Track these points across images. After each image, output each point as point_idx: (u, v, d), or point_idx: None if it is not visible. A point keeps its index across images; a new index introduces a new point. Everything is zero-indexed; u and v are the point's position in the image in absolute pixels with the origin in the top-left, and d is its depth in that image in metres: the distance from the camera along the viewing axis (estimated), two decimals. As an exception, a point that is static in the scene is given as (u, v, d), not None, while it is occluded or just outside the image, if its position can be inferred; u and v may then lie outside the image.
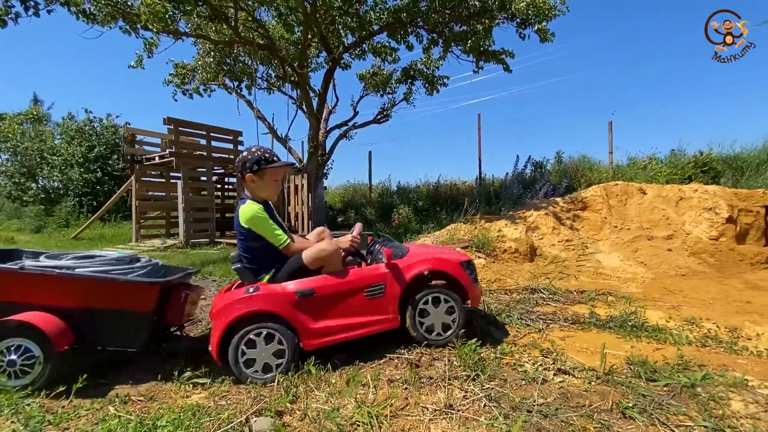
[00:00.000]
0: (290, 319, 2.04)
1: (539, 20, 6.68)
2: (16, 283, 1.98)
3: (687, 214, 4.43)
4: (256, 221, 2.13)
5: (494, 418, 1.54)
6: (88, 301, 2.03)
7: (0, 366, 1.84)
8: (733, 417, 1.49)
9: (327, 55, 8.62)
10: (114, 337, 2.08)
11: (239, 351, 1.98)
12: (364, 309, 2.15)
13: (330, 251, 2.16)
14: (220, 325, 2.00)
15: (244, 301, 2.02)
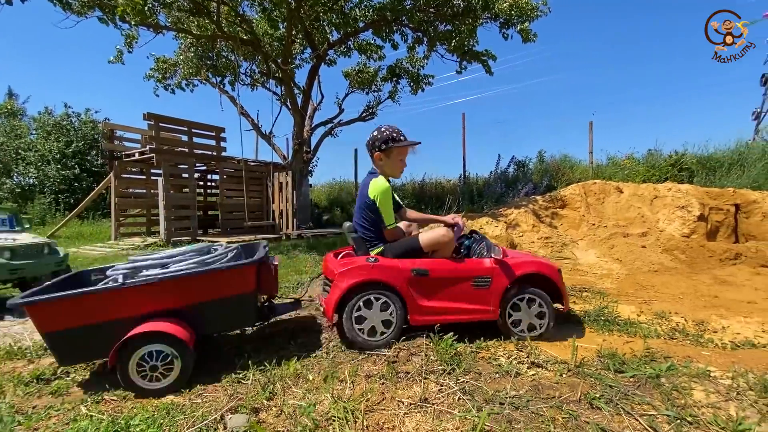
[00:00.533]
0: (403, 292, 2.22)
1: (522, 20, 6.79)
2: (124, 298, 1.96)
3: (661, 212, 4.58)
4: (383, 196, 2.32)
5: (467, 411, 1.57)
6: (198, 296, 2.07)
7: (144, 372, 1.87)
8: (695, 406, 1.56)
9: (311, 51, 8.56)
10: (228, 321, 2.19)
11: (353, 311, 2.17)
12: (469, 297, 2.30)
13: (449, 238, 2.34)
14: (342, 286, 2.19)
15: (366, 269, 2.22)
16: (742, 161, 6.77)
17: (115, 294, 1.94)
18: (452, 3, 7.09)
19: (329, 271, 2.39)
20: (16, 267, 3.37)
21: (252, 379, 1.91)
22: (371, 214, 2.38)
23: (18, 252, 3.46)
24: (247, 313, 2.20)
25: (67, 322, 1.88)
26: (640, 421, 1.47)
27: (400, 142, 2.40)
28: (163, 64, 9.00)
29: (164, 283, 2.00)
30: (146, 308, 1.98)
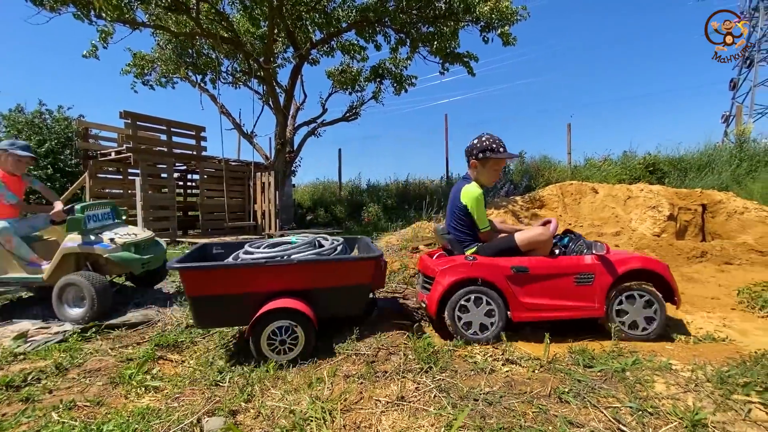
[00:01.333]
0: (504, 289, 2.32)
1: (502, 24, 6.92)
2: (264, 275, 2.19)
3: (634, 212, 4.75)
4: (475, 203, 2.43)
5: (443, 408, 1.62)
6: (325, 281, 2.27)
7: (273, 345, 2.12)
8: (656, 398, 1.64)
9: (294, 50, 8.50)
10: (342, 308, 2.36)
11: (456, 307, 2.29)
12: (571, 294, 2.35)
13: (547, 237, 2.41)
14: (444, 283, 2.31)
15: (465, 267, 2.34)
16: (711, 163, 7.08)
17: (257, 270, 2.19)
18: (434, 5, 7.17)
19: (429, 270, 2.49)
20: (145, 261, 3.27)
21: (230, 382, 1.91)
22: (464, 217, 2.50)
23: (141, 246, 3.37)
24: (361, 302, 2.41)
25: (212, 289, 2.15)
26: (605, 413, 1.54)
27: (498, 153, 2.48)
28: (140, 60, 8.78)
29: (299, 266, 2.23)
30: (279, 286, 2.21)
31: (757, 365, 1.87)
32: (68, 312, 2.95)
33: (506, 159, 2.58)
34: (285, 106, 8.75)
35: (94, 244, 3.07)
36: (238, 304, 2.17)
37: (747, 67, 25.90)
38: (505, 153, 2.51)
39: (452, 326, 2.31)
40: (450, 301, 2.31)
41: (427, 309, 2.42)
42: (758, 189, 5.25)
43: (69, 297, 2.97)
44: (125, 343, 2.57)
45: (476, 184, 2.50)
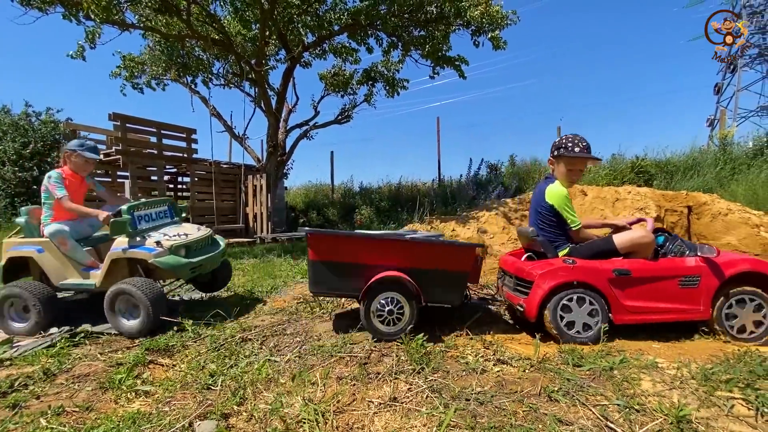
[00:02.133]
0: (605, 292, 2.32)
1: (492, 28, 6.99)
2: (379, 249, 2.41)
3: (622, 213, 4.83)
4: (561, 201, 2.43)
5: (435, 408, 1.63)
6: (430, 263, 2.41)
7: (382, 315, 2.32)
8: (642, 395, 1.68)
9: (286, 53, 8.50)
10: (444, 294, 2.47)
11: (558, 309, 2.30)
12: (675, 297, 2.34)
13: (650, 240, 2.39)
14: (545, 286, 2.32)
15: (566, 270, 2.33)
16: (696, 166, 7.23)
17: (374, 243, 2.44)
18: (425, 9, 7.23)
19: (524, 273, 2.50)
20: (195, 264, 3.01)
21: (222, 385, 1.90)
22: (552, 217, 2.50)
23: (193, 247, 3.12)
24: (461, 290, 2.51)
25: (332, 256, 2.39)
26: (593, 411, 1.57)
27: (570, 152, 2.46)
28: (130, 62, 8.70)
29: (410, 244, 2.41)
30: (390, 262, 2.38)
31: (739, 362, 1.93)
32: (122, 323, 2.74)
33: (581, 160, 2.51)
34: (277, 109, 8.73)
35: (139, 248, 2.85)
36: (351, 273, 2.40)
37: (731, 72, 26.58)
38: (578, 153, 2.45)
39: (555, 326, 2.32)
40: (552, 301, 2.32)
41: (525, 312, 2.41)
42: (741, 191, 5.38)
43: (121, 306, 2.77)
44: (115, 347, 2.54)
45: (559, 183, 2.49)
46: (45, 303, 2.84)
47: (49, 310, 2.86)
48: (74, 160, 3.15)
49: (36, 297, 2.82)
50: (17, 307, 2.91)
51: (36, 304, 2.81)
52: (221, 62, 9.48)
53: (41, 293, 2.86)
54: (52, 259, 2.98)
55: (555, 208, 2.45)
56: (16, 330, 2.87)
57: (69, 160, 3.16)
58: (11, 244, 3.07)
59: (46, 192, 3.03)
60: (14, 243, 3.09)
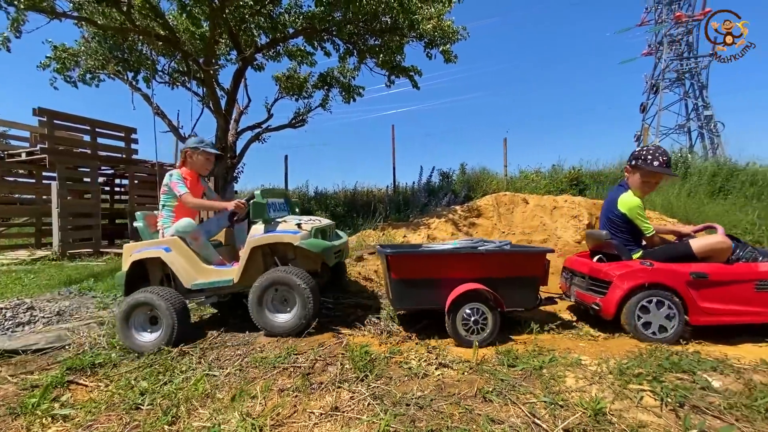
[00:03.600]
0: (683, 294, 2.44)
1: (444, 42, 7.27)
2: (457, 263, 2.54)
3: (558, 221, 5.21)
4: (634, 211, 2.59)
5: (375, 415, 1.66)
6: (507, 271, 2.56)
7: (467, 325, 2.44)
8: (567, 391, 1.82)
9: (237, 53, 8.23)
10: (520, 299, 2.61)
11: (636, 309, 2.44)
12: (750, 300, 2.46)
13: (728, 245, 2.51)
14: (624, 287, 2.47)
15: (645, 272, 2.48)
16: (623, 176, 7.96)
17: (451, 257, 2.57)
18: (380, 19, 7.35)
19: (601, 273, 2.63)
20: (338, 248, 2.82)
21: (153, 404, 1.79)
22: (623, 224, 2.66)
23: (327, 233, 2.91)
24: (534, 294, 2.65)
25: (413, 273, 2.52)
26: (522, 409, 1.68)
27: (648, 165, 2.56)
28: (62, 53, 7.96)
29: (486, 256, 2.56)
30: (468, 274, 2.51)
31: (651, 357, 2.15)
32: (274, 320, 2.51)
33: (658, 174, 2.61)
34: (227, 110, 8.40)
35: (283, 231, 2.63)
36: (433, 287, 2.52)
37: (654, 94, 29.66)
38: (656, 167, 2.56)
39: (632, 325, 2.46)
40: (630, 302, 2.46)
41: (601, 311, 2.57)
42: (659, 201, 6.01)
43: (271, 300, 2.55)
44: (30, 368, 2.30)
45: (632, 192, 2.63)
46: (180, 312, 2.53)
47: (183, 320, 2.57)
48: (195, 159, 3.00)
49: (170, 304, 2.49)
50: (144, 317, 2.60)
51: (171, 311, 2.49)
52: (166, 59, 8.98)
53: (175, 300, 2.55)
54: (181, 258, 2.71)
55: (627, 216, 2.63)
56: (143, 345, 2.53)
57: (189, 159, 3.00)
58: (133, 248, 2.82)
59: (167, 193, 2.88)
60: (137, 246, 2.81)
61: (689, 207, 5.90)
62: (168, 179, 2.87)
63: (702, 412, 1.64)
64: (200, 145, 2.98)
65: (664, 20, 28.98)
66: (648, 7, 30.47)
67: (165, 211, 2.92)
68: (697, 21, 27.90)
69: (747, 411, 1.62)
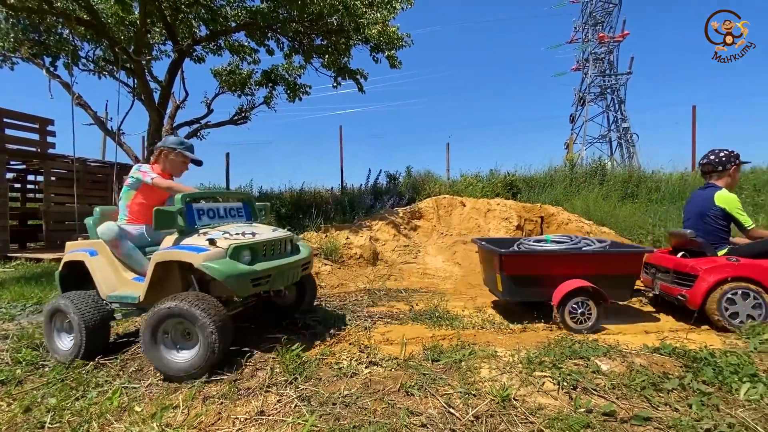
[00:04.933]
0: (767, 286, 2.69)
1: (389, 48, 7.43)
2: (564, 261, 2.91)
3: (492, 222, 5.58)
4: (732, 206, 2.90)
5: (301, 416, 1.70)
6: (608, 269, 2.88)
7: (574, 316, 2.76)
8: (480, 381, 1.99)
9: (173, 44, 7.76)
10: (618, 293, 2.91)
11: (723, 301, 2.68)
12: None
13: None
14: (710, 280, 2.72)
15: (732, 267, 2.73)
16: (552, 182, 8.68)
17: (557, 257, 2.94)
18: (326, 21, 7.34)
19: (688, 267, 2.87)
20: (260, 275, 2.21)
21: (60, 422, 1.68)
22: (719, 220, 2.94)
23: (260, 251, 2.35)
24: (630, 289, 2.93)
25: (524, 270, 2.90)
26: (440, 400, 1.81)
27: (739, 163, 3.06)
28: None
29: (594, 255, 2.91)
30: (573, 272, 2.85)
31: (556, 346, 2.41)
32: (168, 358, 2.03)
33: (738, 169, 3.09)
34: (161, 104, 7.88)
35: (186, 248, 2.15)
36: (540, 282, 2.87)
37: (581, 106, 32.57)
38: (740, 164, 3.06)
39: (719, 316, 2.68)
40: (717, 293, 2.70)
41: (687, 301, 2.82)
42: (579, 204, 6.66)
43: (169, 333, 2.08)
44: None
45: (726, 190, 2.94)
46: (91, 322, 2.27)
47: (95, 331, 2.30)
48: (172, 158, 2.74)
49: (80, 312, 2.24)
50: (63, 323, 2.40)
51: (80, 323, 2.23)
52: (91, 45, 8.22)
53: (88, 308, 2.29)
54: (104, 265, 2.46)
55: (726, 211, 2.91)
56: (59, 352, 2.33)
57: (164, 158, 2.74)
58: (71, 247, 2.61)
59: (129, 184, 2.61)
60: (74, 245, 2.61)
61: (604, 210, 6.60)
62: (136, 168, 2.63)
63: (591, 392, 1.88)
64: (179, 147, 2.75)
65: (590, 39, 31.96)
66: (576, 27, 33.44)
67: (121, 206, 2.67)
68: (617, 42, 31.13)
69: (626, 390, 1.90)
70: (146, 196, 2.65)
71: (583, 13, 32.93)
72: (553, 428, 1.59)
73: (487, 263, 3.38)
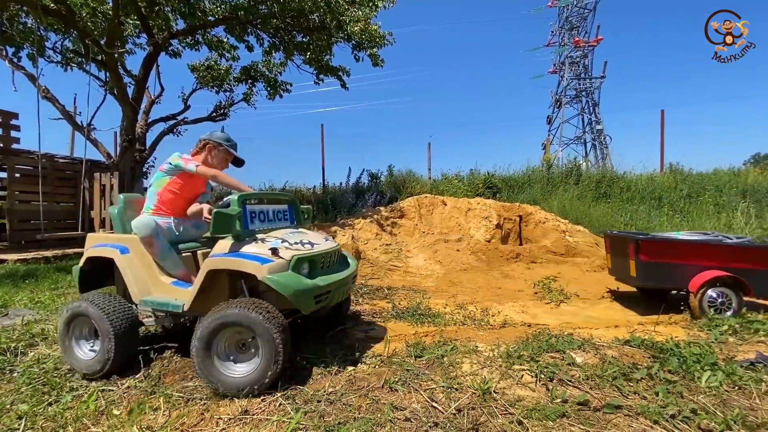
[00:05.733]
0: None
1: (371, 46, 7.44)
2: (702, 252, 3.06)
3: (472, 221, 5.69)
4: None
5: (286, 414, 1.70)
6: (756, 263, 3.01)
7: (714, 305, 2.94)
8: (462, 376, 2.05)
9: (148, 38, 7.51)
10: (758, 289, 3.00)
11: None
12: None
13: None
14: None
15: None
16: (530, 182, 8.91)
17: (700, 247, 3.07)
18: (308, 17, 7.27)
19: None
20: (322, 291, 2.06)
21: (32, 427, 1.63)
22: None
23: (318, 265, 2.19)
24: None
25: (661, 257, 3.08)
26: (423, 395, 1.85)
27: None
28: None
29: (736, 248, 3.03)
30: (714, 263, 2.99)
31: (534, 341, 2.50)
32: (223, 372, 1.87)
33: None
34: (135, 99, 7.62)
35: (247, 257, 1.98)
36: (676, 269, 3.04)
37: (558, 108, 33.49)
38: None
39: None
40: None
41: None
42: (556, 204, 6.88)
43: (222, 344, 1.90)
44: None
45: None
46: (121, 329, 2.05)
47: (125, 342, 2.08)
48: (216, 153, 2.58)
49: (109, 318, 2.02)
50: (84, 329, 2.15)
51: (110, 330, 2.01)
52: (58, 36, 7.86)
53: (117, 313, 2.06)
54: (137, 265, 2.23)
55: None
56: (80, 362, 2.09)
57: (209, 152, 2.57)
58: (95, 240, 2.36)
59: (164, 170, 2.42)
60: (99, 239, 2.35)
61: (579, 209, 6.84)
62: (177, 154, 2.45)
63: (566, 384, 1.97)
64: (225, 143, 2.59)
65: (566, 43, 32.90)
66: (553, 31, 34.34)
67: (149, 192, 2.44)
68: (591, 47, 32.15)
69: (599, 380, 1.99)
70: (181, 185, 2.46)
71: (559, 17, 33.86)
72: (531, 419, 1.65)
73: (618, 251, 3.58)
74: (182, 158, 2.43)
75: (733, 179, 8.24)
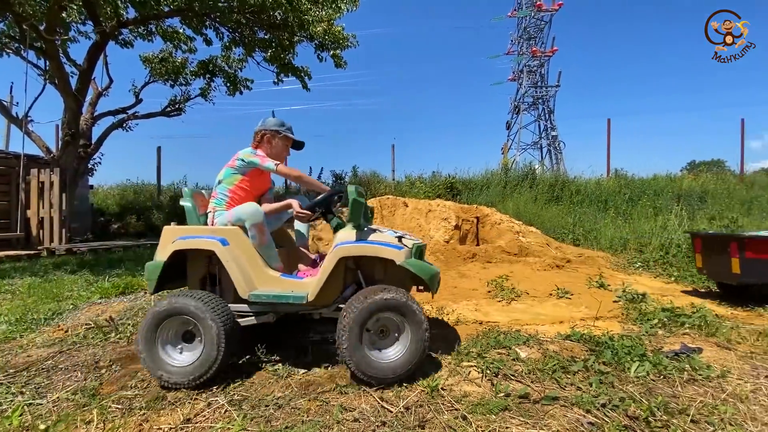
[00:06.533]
0: None
1: (334, 47, 7.42)
2: None
3: (432, 223, 5.81)
4: None
5: (231, 420, 1.66)
6: None
7: None
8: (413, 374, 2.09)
9: (94, 25, 7.04)
10: None
11: None
12: None
13: None
14: None
15: None
16: (488, 184, 9.23)
17: None
18: (270, 14, 7.13)
19: None
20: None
21: (-57, 449, 1.48)
22: None
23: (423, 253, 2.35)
24: None
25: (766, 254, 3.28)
26: (373, 395, 1.88)
27: None
28: None
29: None
30: None
31: (483, 338, 2.60)
32: (372, 359, 1.94)
33: None
34: (79, 90, 7.12)
35: (383, 245, 2.03)
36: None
37: (516, 114, 34.95)
38: None
39: None
40: None
41: None
42: (511, 206, 7.18)
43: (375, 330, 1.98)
44: None
45: None
46: (229, 328, 1.95)
47: (232, 341, 1.98)
48: (276, 142, 2.47)
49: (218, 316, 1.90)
50: (170, 332, 1.98)
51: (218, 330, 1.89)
52: (-10, 18, 7.19)
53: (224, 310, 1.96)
54: (242, 257, 2.12)
55: None
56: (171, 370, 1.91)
57: (267, 143, 2.46)
58: (178, 233, 2.15)
59: (235, 167, 2.34)
60: (184, 231, 2.16)
61: (532, 211, 7.18)
62: (250, 151, 2.36)
63: (510, 378, 2.06)
64: (282, 129, 2.48)
65: (524, 53, 34.42)
66: (513, 40, 35.83)
67: (220, 189, 2.35)
68: (547, 57, 33.84)
69: (540, 374, 2.10)
70: (253, 182, 2.41)
71: (518, 27, 35.38)
72: (476, 413, 1.72)
73: (713, 251, 3.71)
74: (257, 155, 2.38)
75: (670, 184, 8.99)
